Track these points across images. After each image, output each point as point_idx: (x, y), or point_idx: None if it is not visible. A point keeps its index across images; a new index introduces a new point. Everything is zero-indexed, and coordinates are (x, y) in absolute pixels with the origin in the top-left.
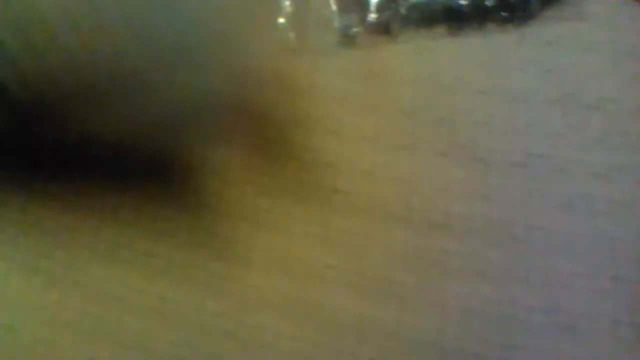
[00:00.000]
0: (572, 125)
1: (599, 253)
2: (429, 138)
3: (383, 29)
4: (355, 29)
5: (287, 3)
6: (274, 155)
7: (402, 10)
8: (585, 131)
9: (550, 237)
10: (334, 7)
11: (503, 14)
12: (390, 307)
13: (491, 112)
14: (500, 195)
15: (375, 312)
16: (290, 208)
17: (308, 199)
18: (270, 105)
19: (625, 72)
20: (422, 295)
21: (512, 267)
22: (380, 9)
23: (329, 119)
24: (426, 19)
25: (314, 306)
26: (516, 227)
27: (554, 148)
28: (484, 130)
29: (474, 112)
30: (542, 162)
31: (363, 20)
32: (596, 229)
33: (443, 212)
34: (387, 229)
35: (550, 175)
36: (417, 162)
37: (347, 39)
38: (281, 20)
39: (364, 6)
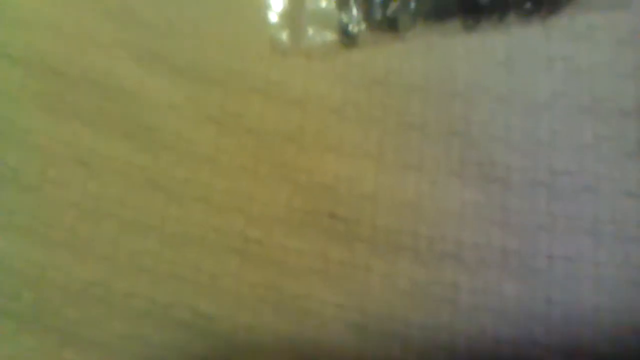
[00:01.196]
0: (604, 136)
1: (630, 286)
2: (439, 155)
3: (389, 25)
4: (357, 27)
5: None
6: (264, 178)
7: (411, 4)
8: (619, 143)
9: (575, 269)
10: (332, 1)
11: (527, 4)
12: (395, 349)
13: (511, 123)
14: (520, 220)
15: (378, 354)
16: (283, 238)
17: (303, 227)
18: (259, 117)
19: None
20: (429, 337)
21: (531, 303)
22: (385, 2)
23: (326, 134)
24: (438, 12)
25: (311, 348)
26: (537, 258)
27: (582, 163)
28: (503, 145)
29: (491, 124)
30: (568, 180)
31: (366, 16)
32: (627, 259)
33: (454, 241)
34: (391, 261)
35: (576, 195)
36: (426, 183)
37: (348, 39)
38: (272, 17)
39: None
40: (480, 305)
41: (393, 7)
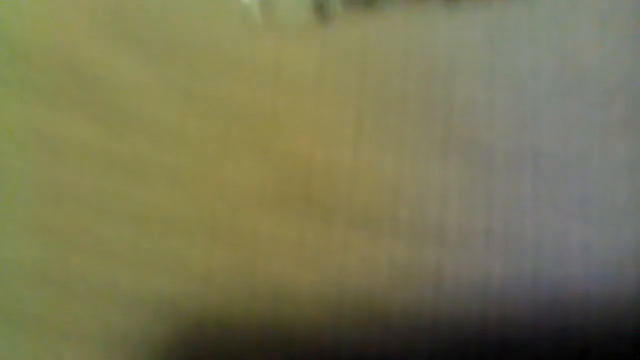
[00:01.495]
0: (590, 114)
1: (620, 265)
2: (420, 134)
3: (366, 0)
4: (333, 2)
5: None
6: (235, 158)
7: None
8: (605, 120)
9: (563, 249)
10: None
11: None
12: (375, 333)
13: (494, 101)
14: (504, 200)
15: (356, 338)
16: (257, 222)
17: (277, 209)
18: (230, 96)
19: None
20: (412, 320)
21: (518, 286)
22: None
23: (300, 113)
24: None
25: (287, 330)
26: (524, 240)
27: (567, 142)
28: (486, 123)
29: (473, 102)
30: (553, 159)
31: None
32: (617, 238)
33: (437, 222)
34: (371, 243)
35: (563, 175)
36: (406, 162)
37: (323, 13)
38: None
39: None
40: (465, 287)
41: None
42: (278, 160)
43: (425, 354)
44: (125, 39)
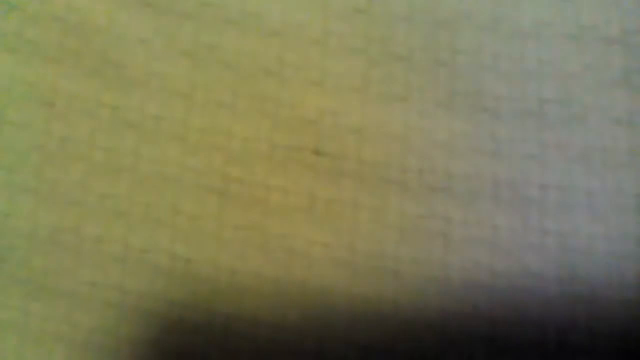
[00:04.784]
0: (591, 64)
1: (622, 213)
2: (426, 86)
3: None
4: None
5: None
6: (243, 113)
7: None
8: (606, 70)
9: (567, 197)
10: None
11: None
12: (387, 286)
13: (498, 52)
14: (510, 150)
15: (368, 291)
16: (265, 176)
17: (286, 164)
18: (235, 50)
19: None
20: (421, 272)
21: (524, 233)
22: None
23: (307, 66)
24: None
25: (299, 289)
26: (530, 188)
27: (570, 92)
28: (490, 74)
29: (478, 53)
30: (556, 109)
31: None
32: (619, 186)
33: (445, 173)
34: (380, 196)
35: (566, 124)
36: (414, 115)
37: None
38: None
39: None
40: (473, 237)
41: None
42: (286, 113)
43: (437, 308)
44: None
